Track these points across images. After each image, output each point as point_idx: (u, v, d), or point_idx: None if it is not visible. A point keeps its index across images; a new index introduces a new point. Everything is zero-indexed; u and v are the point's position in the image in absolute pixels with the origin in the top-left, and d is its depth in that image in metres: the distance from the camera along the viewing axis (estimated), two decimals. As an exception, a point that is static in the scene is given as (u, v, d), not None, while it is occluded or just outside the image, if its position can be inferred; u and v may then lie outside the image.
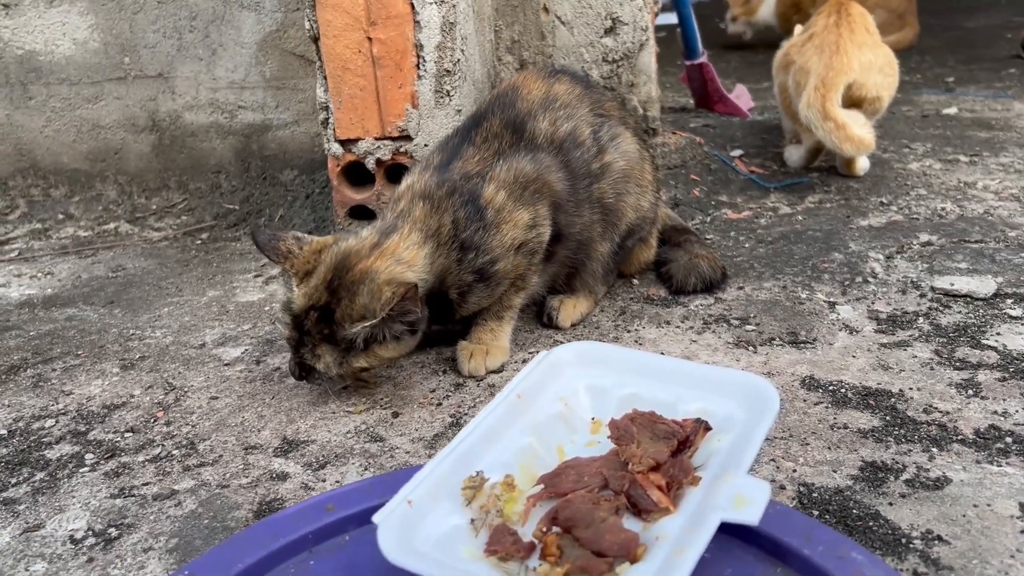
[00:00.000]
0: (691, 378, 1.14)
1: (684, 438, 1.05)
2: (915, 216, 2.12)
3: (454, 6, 1.86)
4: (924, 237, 1.96)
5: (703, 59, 3.30)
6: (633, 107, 2.35)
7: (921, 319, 1.61)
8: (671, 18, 7.26)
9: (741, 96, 3.48)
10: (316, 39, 1.91)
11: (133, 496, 1.24)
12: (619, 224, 1.67)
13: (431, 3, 1.83)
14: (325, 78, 1.92)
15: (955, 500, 1.11)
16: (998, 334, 1.53)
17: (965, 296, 1.68)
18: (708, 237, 2.08)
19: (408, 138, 1.93)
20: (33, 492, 1.28)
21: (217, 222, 2.46)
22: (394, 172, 1.98)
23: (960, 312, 1.62)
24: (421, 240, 1.44)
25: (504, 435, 1.08)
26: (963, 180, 2.38)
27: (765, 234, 2.07)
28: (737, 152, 2.65)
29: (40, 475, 1.32)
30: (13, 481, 1.31)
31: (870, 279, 1.79)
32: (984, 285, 1.69)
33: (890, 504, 1.11)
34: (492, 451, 1.05)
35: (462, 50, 1.92)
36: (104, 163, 2.64)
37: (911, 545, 1.03)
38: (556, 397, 1.15)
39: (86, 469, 1.33)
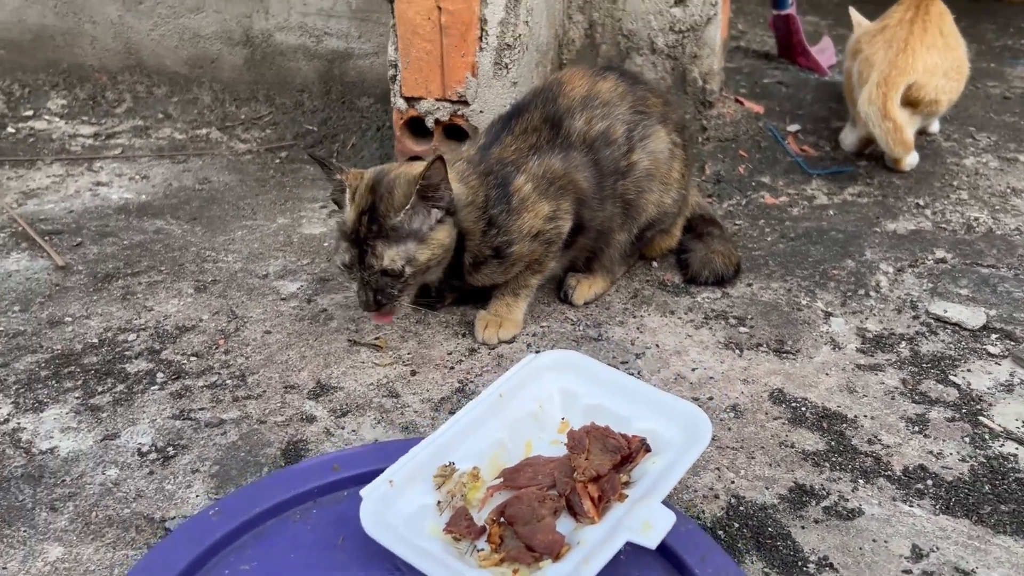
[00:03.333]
0: (647, 400, 1.34)
1: (628, 454, 1.26)
2: (943, 225, 2.19)
3: (520, -15, 1.97)
4: (940, 253, 2.05)
5: (791, 10, 3.28)
6: (693, 78, 2.43)
7: (904, 344, 1.74)
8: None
9: (825, 50, 3.45)
10: (391, 1, 2.06)
11: (190, 419, 1.53)
12: (639, 218, 1.82)
13: (498, -19, 1.95)
14: (396, 38, 2.08)
15: (859, 532, 1.29)
16: (968, 370, 1.66)
17: (955, 324, 1.80)
18: (738, 223, 2.20)
19: (466, 103, 2.09)
20: (114, 402, 1.58)
21: (296, 142, 2.68)
22: (451, 131, 2.16)
23: (943, 341, 1.75)
24: (457, 179, 1.63)
25: (482, 429, 1.31)
26: (1012, 185, 2.41)
27: (792, 227, 2.18)
28: (794, 127, 2.70)
29: (120, 387, 1.62)
30: (100, 389, 1.61)
31: (872, 293, 1.91)
32: (975, 317, 1.80)
33: (802, 528, 1.30)
34: (468, 443, 1.28)
35: (526, 22, 2.04)
36: (201, 70, 2.87)
37: (805, 568, 1.23)
38: (533, 398, 1.37)
39: (156, 388, 1.62)
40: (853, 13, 2.68)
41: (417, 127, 2.20)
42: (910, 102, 2.29)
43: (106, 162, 2.61)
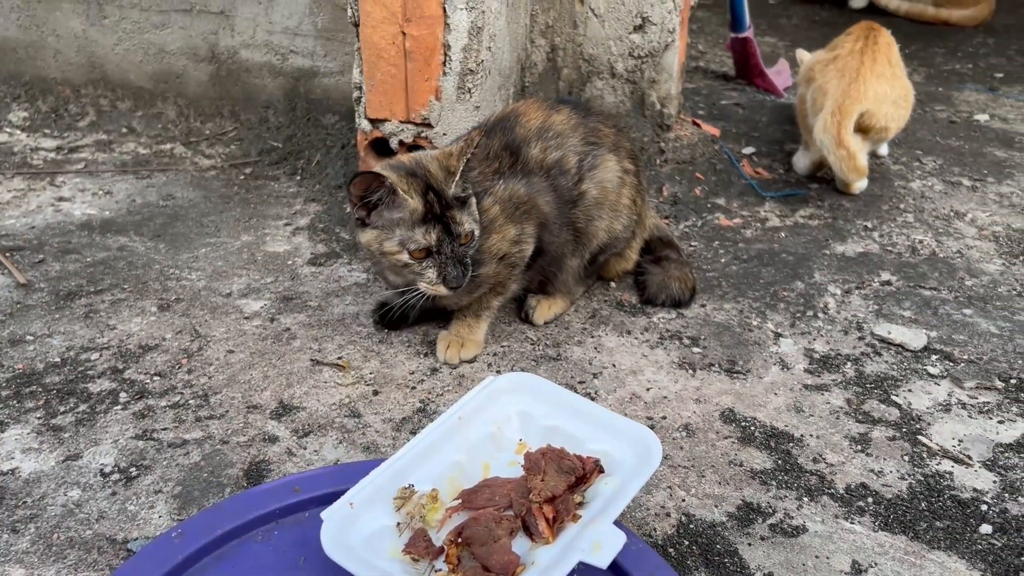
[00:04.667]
0: (601, 422, 1.39)
1: (582, 475, 1.30)
2: (890, 248, 2.27)
3: (483, 12, 2.02)
4: (885, 276, 2.13)
5: (748, 33, 3.37)
6: (651, 102, 2.50)
7: (849, 364, 1.81)
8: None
9: (781, 72, 3.55)
10: (356, 25, 2.09)
11: (153, 440, 1.55)
12: (590, 244, 1.88)
13: (462, 8, 1.99)
14: (362, 62, 2.12)
15: (803, 549, 1.35)
16: (909, 391, 1.73)
17: (898, 346, 1.87)
18: (693, 244, 2.27)
19: (429, 125, 2.13)
20: (76, 423, 1.59)
21: (261, 158, 2.70)
22: (414, 151, 2.19)
23: (887, 362, 1.82)
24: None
25: (440, 451, 1.34)
26: (956, 209, 2.51)
27: (745, 249, 2.25)
28: (749, 150, 2.78)
29: (83, 407, 1.63)
30: (62, 409, 1.62)
31: (820, 314, 1.98)
32: (917, 339, 1.87)
33: (749, 544, 1.36)
34: (427, 465, 1.32)
35: (489, 48, 2.09)
36: (166, 85, 2.88)
37: (750, 584, 1.29)
38: (491, 420, 1.41)
39: (119, 408, 1.63)
40: (799, 52, 2.77)
41: (381, 147, 2.24)
42: (862, 129, 2.38)
43: (69, 177, 2.61)
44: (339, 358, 1.79)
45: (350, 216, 2.31)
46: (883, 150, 2.78)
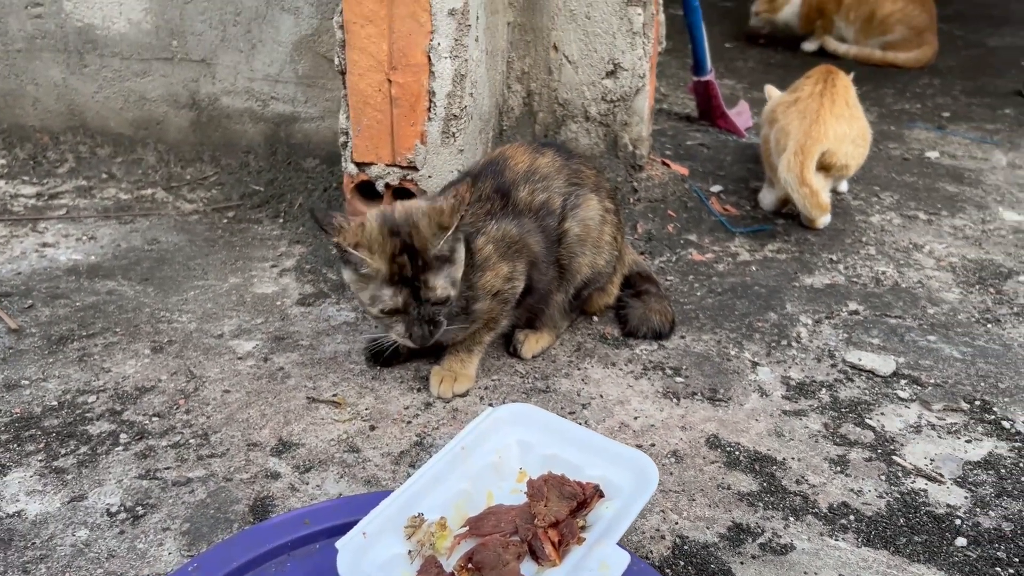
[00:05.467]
0: (598, 448, 1.45)
1: (583, 500, 1.36)
2: (855, 279, 2.39)
3: (466, 60, 2.11)
4: (853, 306, 2.24)
5: (710, 76, 3.52)
6: (624, 144, 2.60)
7: (824, 390, 1.90)
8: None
9: (742, 113, 3.70)
10: (343, 73, 2.17)
11: (156, 479, 1.57)
12: (574, 280, 1.96)
13: (446, 57, 2.08)
14: (348, 108, 2.19)
15: (792, 566, 1.42)
16: (882, 414, 1.83)
17: (868, 372, 1.97)
18: (669, 278, 2.36)
19: (415, 168, 2.20)
20: (78, 464, 1.61)
21: (243, 201, 2.75)
22: (400, 194, 2.26)
23: (859, 387, 1.92)
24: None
25: (446, 481, 1.40)
26: (914, 241, 2.64)
27: (719, 282, 2.35)
28: (717, 188, 2.90)
29: (84, 449, 1.65)
30: (63, 451, 1.64)
31: (794, 343, 2.07)
32: (886, 365, 1.97)
33: (741, 563, 1.42)
34: (434, 495, 1.37)
35: (471, 94, 2.18)
36: (146, 131, 2.92)
37: (745, 601, 1.35)
38: (492, 450, 1.47)
39: (120, 448, 1.66)
40: (768, 88, 2.91)
41: (367, 190, 2.31)
42: (823, 167, 2.51)
43: (51, 223, 2.63)
44: (334, 395, 1.84)
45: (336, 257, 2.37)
46: (843, 186, 2.92)
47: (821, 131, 2.46)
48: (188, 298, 2.22)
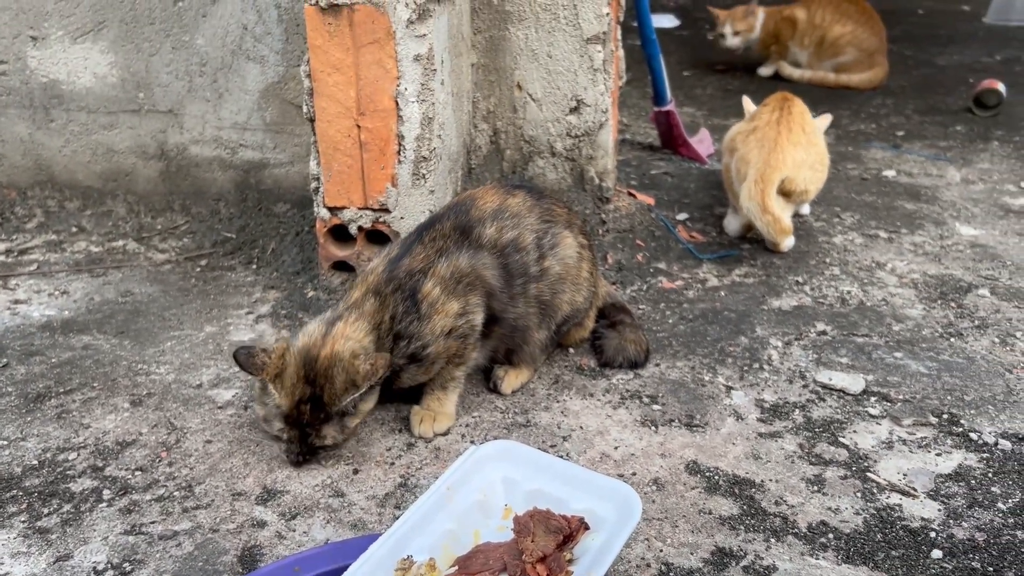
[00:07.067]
0: (581, 481, 1.48)
1: (569, 533, 1.39)
2: (821, 300, 2.45)
3: (433, 104, 2.15)
4: (820, 326, 2.30)
5: (670, 106, 3.60)
6: (591, 177, 2.66)
7: (797, 411, 1.95)
8: (662, 21, 7.51)
9: (703, 141, 3.78)
10: (312, 120, 2.20)
11: (143, 534, 1.57)
12: (555, 316, 2.00)
13: (413, 101, 2.12)
14: (319, 154, 2.22)
15: (775, 587, 1.45)
16: (854, 431, 1.87)
17: (839, 391, 2.02)
18: (641, 307, 2.40)
19: (387, 211, 2.23)
20: (62, 523, 1.60)
21: (215, 249, 2.76)
22: (373, 236, 2.29)
23: (831, 407, 1.96)
24: (368, 329, 1.77)
25: (433, 522, 1.42)
26: (876, 260, 2.71)
27: (689, 309, 2.40)
28: (683, 215, 2.96)
29: (67, 507, 1.65)
30: (46, 511, 1.64)
31: (765, 366, 2.12)
32: (855, 383, 2.02)
33: (726, 587, 1.46)
34: (421, 536, 1.39)
35: (439, 136, 2.22)
36: (115, 183, 2.93)
37: (732, 624, 1.38)
38: (477, 488, 1.49)
39: (104, 504, 1.65)
40: (745, 101, 2.98)
41: (340, 233, 2.33)
42: (783, 193, 2.58)
43: (22, 279, 2.62)
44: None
45: (310, 302, 2.38)
46: (805, 209, 2.99)
47: (779, 159, 2.53)
48: (165, 349, 2.22)
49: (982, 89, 4.36)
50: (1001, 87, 4.32)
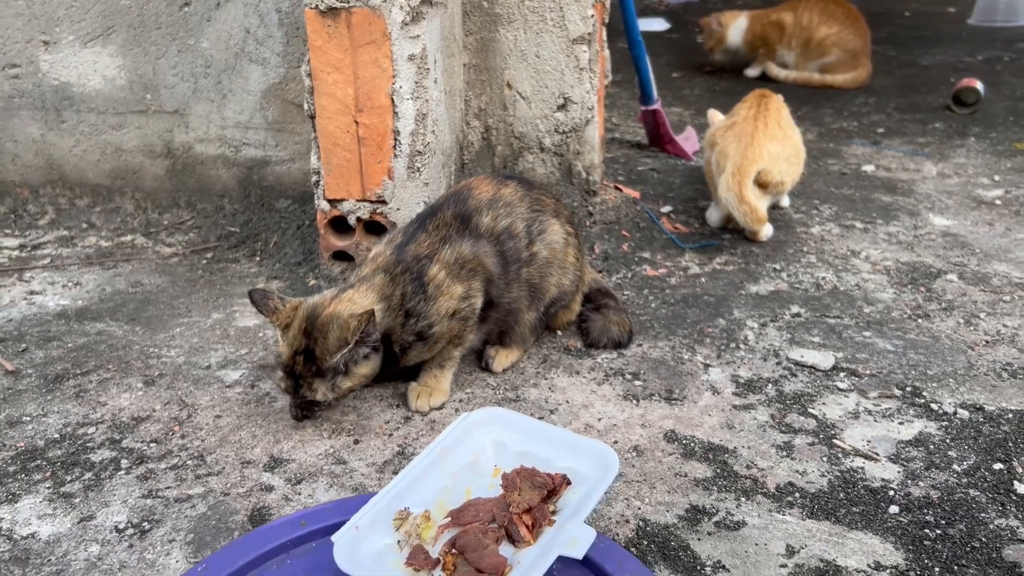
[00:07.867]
0: (564, 442, 1.61)
1: (552, 488, 1.51)
2: (797, 285, 2.58)
3: (427, 101, 2.28)
4: (795, 309, 2.43)
5: (656, 106, 3.73)
6: (578, 171, 2.79)
7: (770, 386, 2.07)
8: (652, 24, 7.65)
9: (689, 139, 3.92)
10: (313, 117, 2.33)
11: (159, 498, 1.70)
12: (544, 298, 2.13)
13: (408, 99, 2.25)
14: (319, 149, 2.35)
15: (744, 539, 1.58)
16: (823, 404, 2.00)
17: (810, 367, 2.15)
18: (626, 293, 2.53)
19: (384, 202, 2.36)
20: (84, 488, 1.73)
21: (220, 243, 2.89)
22: (371, 226, 2.42)
23: (802, 381, 2.09)
24: (376, 298, 1.89)
25: (428, 479, 1.54)
26: (851, 248, 2.84)
27: (671, 294, 2.53)
28: (667, 208, 3.09)
29: (88, 475, 1.77)
30: (68, 478, 1.76)
31: (741, 345, 2.25)
32: (825, 360, 2.15)
33: (699, 540, 1.58)
34: (418, 492, 1.51)
35: (433, 131, 2.35)
36: (123, 180, 3.06)
37: (703, 571, 1.50)
38: (469, 450, 1.62)
39: (122, 472, 1.78)
40: (711, 112, 3.12)
41: (339, 225, 2.46)
42: (760, 184, 2.71)
43: (36, 272, 2.74)
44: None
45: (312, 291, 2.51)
46: (784, 201, 3.12)
47: (756, 152, 2.66)
48: (175, 335, 2.35)
49: (961, 87, 4.50)
50: (979, 85, 4.46)
